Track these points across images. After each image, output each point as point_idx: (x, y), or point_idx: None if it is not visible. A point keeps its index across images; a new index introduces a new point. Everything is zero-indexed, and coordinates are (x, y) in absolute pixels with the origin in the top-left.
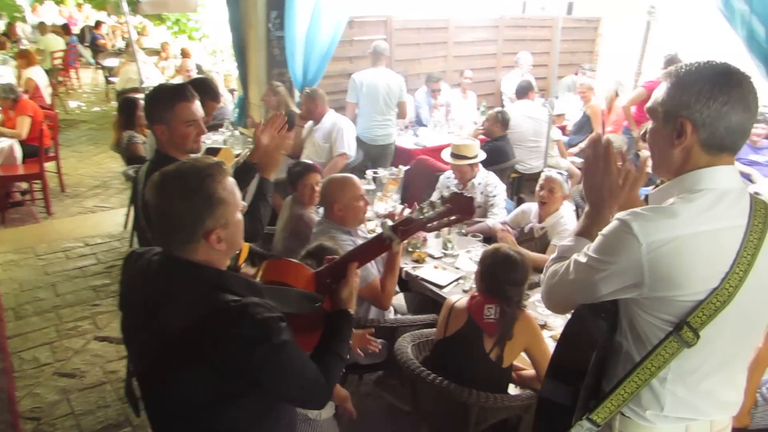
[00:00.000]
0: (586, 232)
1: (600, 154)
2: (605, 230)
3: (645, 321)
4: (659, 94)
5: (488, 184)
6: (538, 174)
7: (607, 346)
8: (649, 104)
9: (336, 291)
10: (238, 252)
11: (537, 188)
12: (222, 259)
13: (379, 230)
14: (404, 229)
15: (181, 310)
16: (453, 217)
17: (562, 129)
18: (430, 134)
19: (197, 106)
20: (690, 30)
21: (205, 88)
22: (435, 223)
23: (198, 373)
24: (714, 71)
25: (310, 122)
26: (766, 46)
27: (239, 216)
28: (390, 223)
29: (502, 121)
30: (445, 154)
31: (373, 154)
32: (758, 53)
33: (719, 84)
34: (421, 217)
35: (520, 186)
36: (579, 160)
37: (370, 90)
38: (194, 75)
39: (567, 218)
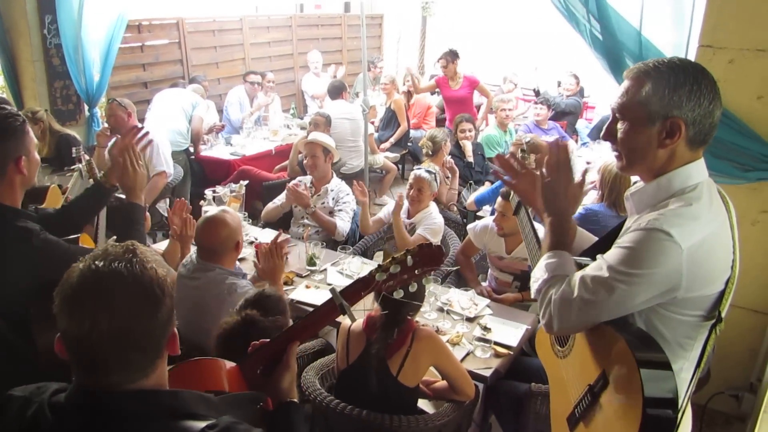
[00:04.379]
0: (561, 244)
1: (564, 162)
2: (632, 242)
3: (671, 320)
4: (636, 93)
5: (341, 191)
6: (360, 172)
7: None
8: (620, 103)
9: (275, 380)
10: None
11: (407, 187)
12: (166, 370)
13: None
14: (363, 293)
15: None
16: (417, 271)
17: (371, 124)
18: (245, 142)
19: None
20: (462, 23)
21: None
22: (392, 282)
23: None
24: (695, 69)
25: (116, 138)
26: (605, 42)
27: None
28: (338, 288)
29: (331, 125)
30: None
31: None
32: (600, 49)
33: (704, 82)
34: (384, 277)
35: None
36: (392, 155)
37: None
38: None
39: (435, 214)
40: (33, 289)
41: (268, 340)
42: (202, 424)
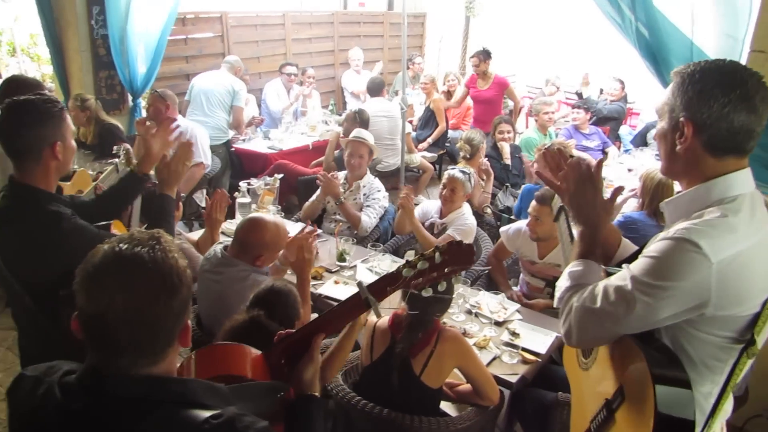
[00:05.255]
0: (589, 253)
1: (586, 176)
2: (658, 252)
3: (698, 340)
4: (666, 93)
5: (373, 187)
6: (396, 170)
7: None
8: (657, 104)
9: (298, 372)
10: None
11: (440, 187)
12: (176, 361)
13: None
14: (390, 289)
15: None
16: (447, 270)
17: (409, 123)
18: (283, 137)
19: None
20: (506, 24)
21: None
22: (421, 279)
23: None
24: (719, 71)
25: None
26: (651, 46)
27: None
28: (366, 282)
29: (360, 120)
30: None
31: None
32: (646, 52)
33: (722, 84)
34: (411, 273)
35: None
36: (429, 155)
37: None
38: None
39: (468, 215)
40: (62, 272)
41: (294, 330)
42: (207, 414)
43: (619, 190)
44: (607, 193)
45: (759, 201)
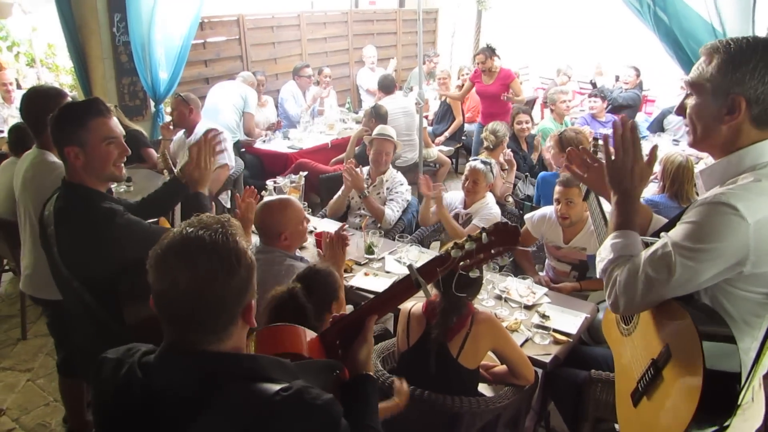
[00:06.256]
0: (628, 224)
1: (629, 139)
2: (696, 216)
3: (737, 297)
4: (705, 69)
5: (395, 181)
6: (414, 165)
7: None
8: (691, 78)
9: (353, 352)
10: None
11: (462, 179)
12: (245, 338)
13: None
14: (440, 270)
15: (217, 425)
16: (494, 251)
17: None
18: (302, 136)
19: (115, 122)
20: (518, 17)
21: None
22: (469, 260)
23: None
24: (766, 47)
25: (180, 133)
26: (671, 31)
27: None
28: (416, 265)
29: (377, 116)
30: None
31: None
32: (665, 37)
33: None
34: (460, 254)
35: None
36: (446, 149)
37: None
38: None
39: (492, 204)
40: (119, 266)
41: (347, 313)
42: (277, 387)
43: (655, 149)
44: None
45: None
